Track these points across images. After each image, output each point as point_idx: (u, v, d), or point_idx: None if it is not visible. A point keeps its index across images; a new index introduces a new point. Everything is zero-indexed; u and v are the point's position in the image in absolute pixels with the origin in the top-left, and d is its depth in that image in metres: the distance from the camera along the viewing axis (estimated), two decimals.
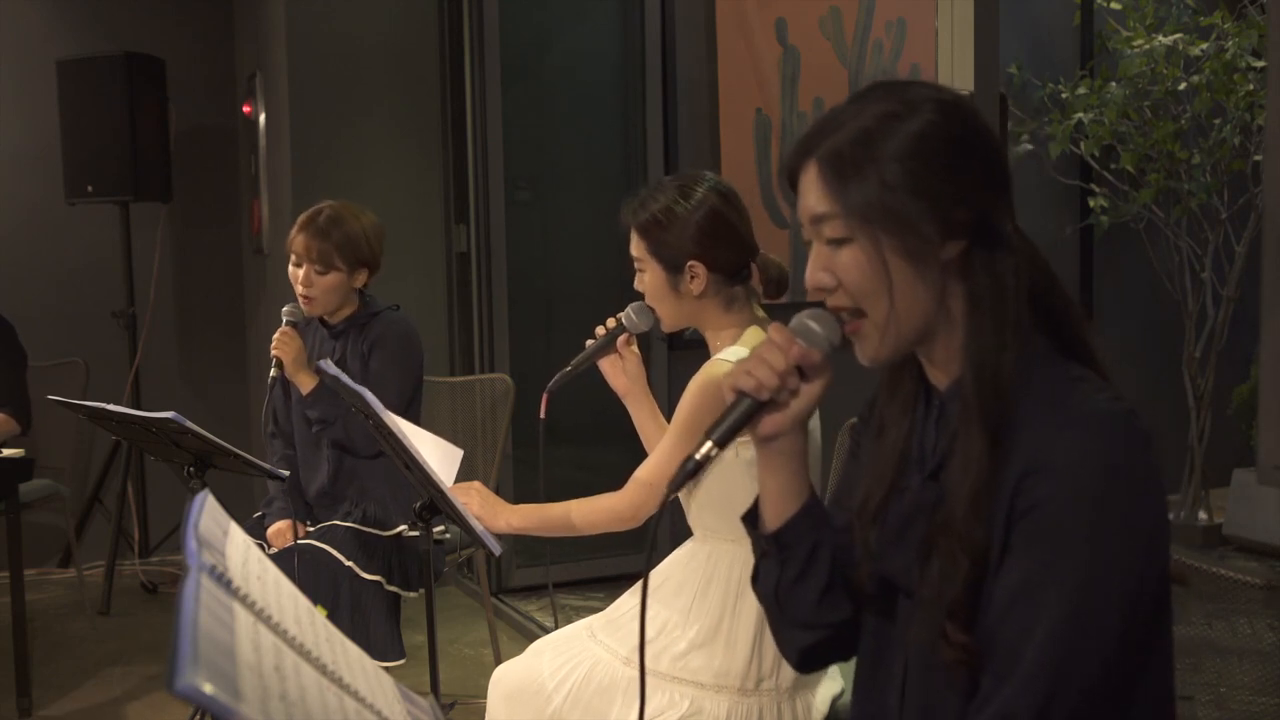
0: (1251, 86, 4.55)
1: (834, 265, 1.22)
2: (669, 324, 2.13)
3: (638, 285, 2.12)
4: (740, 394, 1.24)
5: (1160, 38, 4.65)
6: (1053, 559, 1.10)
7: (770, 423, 1.26)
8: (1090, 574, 1.10)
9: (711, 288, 2.06)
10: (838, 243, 1.21)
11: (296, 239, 2.81)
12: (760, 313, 2.12)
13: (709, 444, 1.21)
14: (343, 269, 2.81)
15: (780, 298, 2.18)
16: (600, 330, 2.22)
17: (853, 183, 1.19)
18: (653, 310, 2.14)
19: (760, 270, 2.13)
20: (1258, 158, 4.59)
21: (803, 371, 1.24)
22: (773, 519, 1.33)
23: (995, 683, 1.13)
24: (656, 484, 2.04)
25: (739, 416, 1.23)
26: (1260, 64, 4.47)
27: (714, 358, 2.04)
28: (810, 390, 1.25)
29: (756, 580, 1.39)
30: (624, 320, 2.19)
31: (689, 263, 2.04)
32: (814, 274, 1.24)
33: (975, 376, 1.18)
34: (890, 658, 1.31)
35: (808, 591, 1.33)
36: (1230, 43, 4.56)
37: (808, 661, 1.42)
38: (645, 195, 2.10)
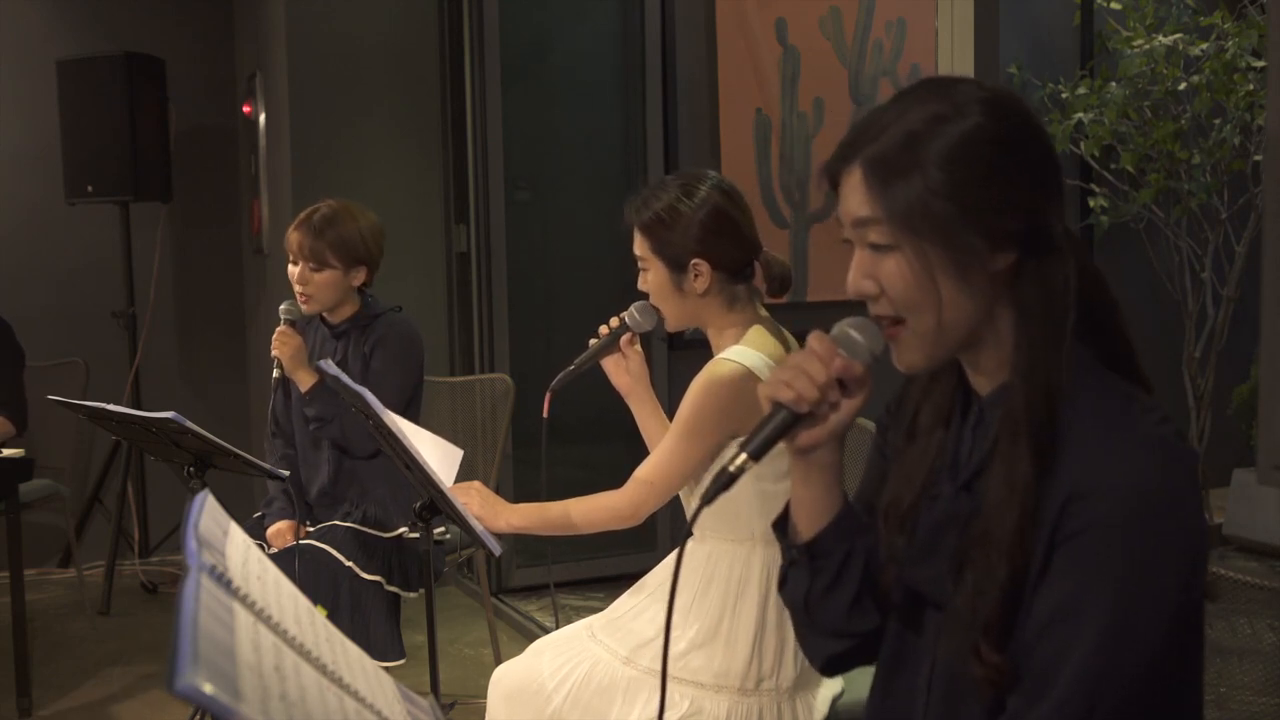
0: (1251, 86, 4.55)
1: (878, 273, 1.18)
2: (673, 323, 2.13)
3: (641, 285, 2.12)
4: (777, 405, 1.20)
5: (1160, 38, 4.65)
6: (1094, 584, 1.09)
7: (808, 436, 1.22)
8: (1131, 601, 1.08)
9: (715, 286, 2.06)
10: (881, 249, 1.17)
11: (291, 236, 2.82)
12: (763, 312, 2.12)
13: (743, 456, 1.18)
14: (337, 267, 2.81)
15: (783, 297, 2.18)
16: (604, 330, 2.23)
17: (898, 188, 1.15)
18: (656, 310, 2.14)
19: (763, 268, 2.13)
20: (1258, 158, 4.59)
21: (843, 384, 1.20)
22: (805, 529, 1.31)
23: (1027, 703, 1.11)
24: (657, 483, 2.04)
25: (775, 428, 1.20)
26: (1260, 64, 4.47)
27: (717, 357, 2.04)
28: (851, 404, 1.21)
29: (784, 587, 1.36)
30: (627, 319, 2.20)
31: (692, 260, 2.04)
32: (857, 280, 1.20)
33: (1026, 393, 1.14)
34: (913, 665, 1.29)
35: (838, 601, 1.31)
36: (1230, 43, 4.56)
37: (833, 667, 1.41)
38: (648, 194, 2.10)
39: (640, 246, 2.09)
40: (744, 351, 2.00)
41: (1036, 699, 1.10)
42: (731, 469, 1.18)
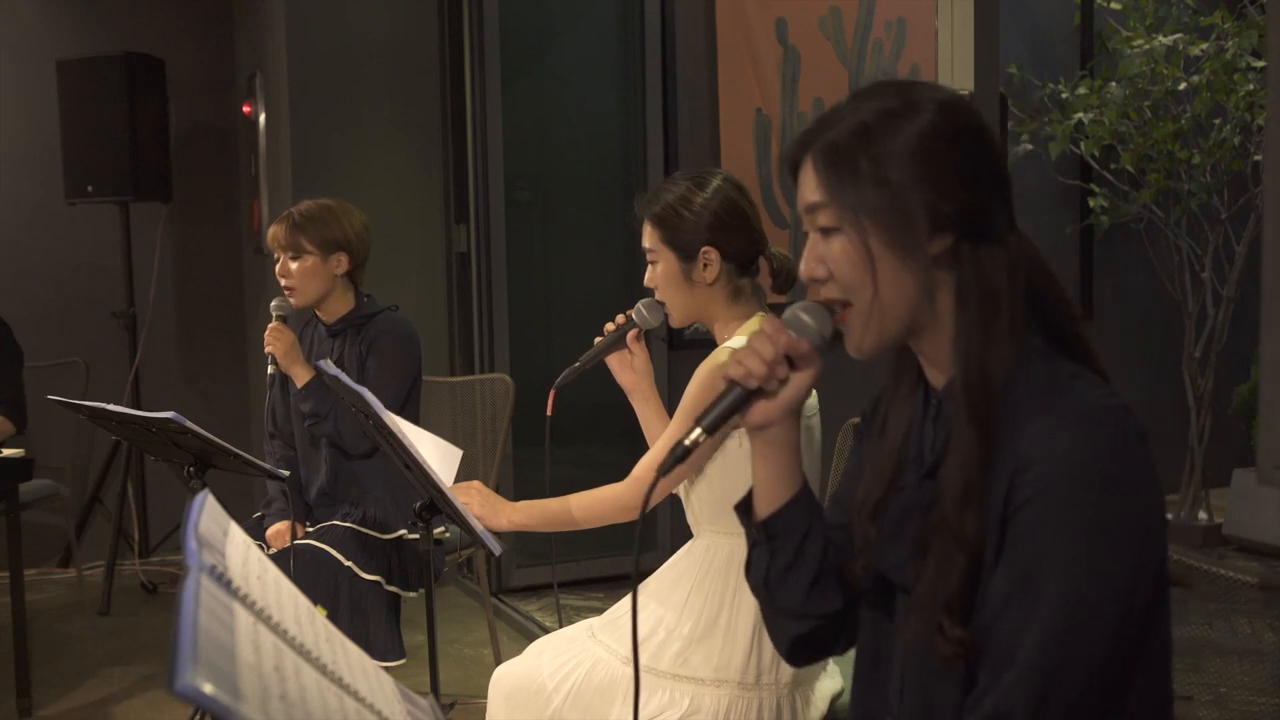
0: (1251, 86, 4.55)
1: (826, 256, 1.24)
2: (678, 316, 2.14)
3: (648, 279, 2.14)
4: (731, 382, 1.26)
5: (1160, 38, 4.66)
6: (1046, 554, 1.11)
7: (760, 411, 1.28)
8: (1084, 569, 1.10)
9: (723, 277, 2.08)
10: (828, 232, 1.23)
11: (270, 231, 2.87)
12: (766, 307, 2.14)
13: (698, 430, 1.24)
14: (314, 253, 2.82)
15: (787, 294, 2.20)
16: (609, 327, 2.23)
17: (846, 175, 1.21)
18: (663, 306, 2.15)
19: (769, 263, 2.16)
20: (1258, 158, 4.60)
21: (792, 361, 1.26)
22: (763, 507, 1.35)
23: (991, 677, 1.14)
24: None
25: (729, 404, 1.26)
26: (1260, 64, 4.48)
27: (720, 345, 2.05)
28: (799, 380, 1.27)
29: (749, 569, 1.40)
30: (634, 316, 2.20)
31: (703, 248, 2.06)
32: (807, 265, 1.26)
33: (964, 372, 1.19)
34: (889, 653, 1.32)
35: (797, 581, 1.35)
36: (1230, 43, 4.56)
37: (798, 652, 1.43)
38: (659, 188, 2.13)
39: (650, 238, 2.11)
40: (744, 341, 2.01)
41: (1001, 671, 1.12)
42: (686, 442, 1.24)
